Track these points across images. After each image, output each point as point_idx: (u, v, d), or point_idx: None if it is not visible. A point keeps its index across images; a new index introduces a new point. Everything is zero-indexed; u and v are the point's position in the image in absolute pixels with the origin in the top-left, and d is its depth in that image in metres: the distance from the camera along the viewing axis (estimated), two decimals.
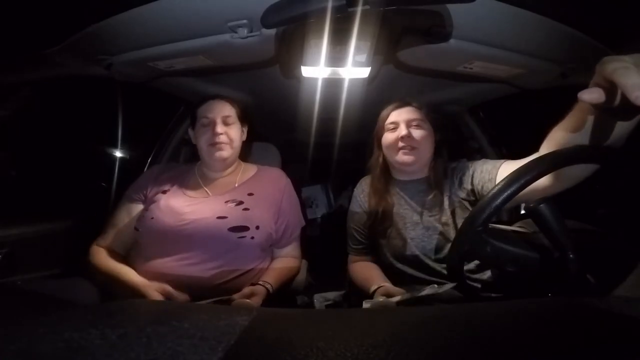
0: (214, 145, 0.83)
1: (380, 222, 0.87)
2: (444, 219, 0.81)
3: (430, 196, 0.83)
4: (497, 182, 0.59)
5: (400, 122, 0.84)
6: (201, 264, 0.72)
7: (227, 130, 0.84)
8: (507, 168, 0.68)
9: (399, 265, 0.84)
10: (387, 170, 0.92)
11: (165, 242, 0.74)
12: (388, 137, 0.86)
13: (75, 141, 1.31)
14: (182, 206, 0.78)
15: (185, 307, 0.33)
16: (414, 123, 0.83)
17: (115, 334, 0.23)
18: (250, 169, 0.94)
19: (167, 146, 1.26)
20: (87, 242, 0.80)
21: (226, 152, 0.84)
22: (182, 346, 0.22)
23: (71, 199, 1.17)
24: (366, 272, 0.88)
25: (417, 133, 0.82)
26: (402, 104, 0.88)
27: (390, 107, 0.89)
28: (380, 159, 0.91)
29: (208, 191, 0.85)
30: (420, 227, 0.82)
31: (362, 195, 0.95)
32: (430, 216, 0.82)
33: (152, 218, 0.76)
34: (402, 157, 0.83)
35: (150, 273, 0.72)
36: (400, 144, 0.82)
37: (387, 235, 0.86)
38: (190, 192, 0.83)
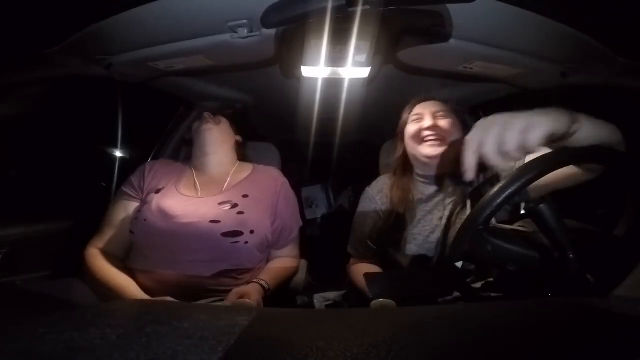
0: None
1: (398, 223, 0.80)
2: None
3: (453, 196, 0.78)
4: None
5: (425, 114, 0.79)
6: (198, 266, 0.72)
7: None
8: None
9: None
10: (408, 167, 0.86)
11: (159, 245, 0.73)
12: (411, 128, 0.80)
13: (75, 141, 1.31)
14: (175, 208, 0.76)
15: (185, 307, 0.33)
16: (440, 114, 0.79)
17: (115, 334, 0.23)
18: (245, 168, 0.92)
19: (167, 146, 1.25)
20: (87, 243, 0.80)
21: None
22: (182, 346, 0.22)
23: (71, 199, 1.17)
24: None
25: (443, 123, 0.77)
26: (426, 98, 0.84)
27: (413, 102, 0.86)
28: (401, 154, 0.85)
29: (201, 190, 0.83)
30: (440, 229, 0.77)
31: (379, 195, 0.87)
32: (450, 218, 0.77)
33: (145, 220, 0.75)
34: (427, 149, 0.76)
35: (149, 276, 0.72)
36: (426, 134, 0.77)
37: (403, 238, 0.79)
38: (183, 190, 0.82)
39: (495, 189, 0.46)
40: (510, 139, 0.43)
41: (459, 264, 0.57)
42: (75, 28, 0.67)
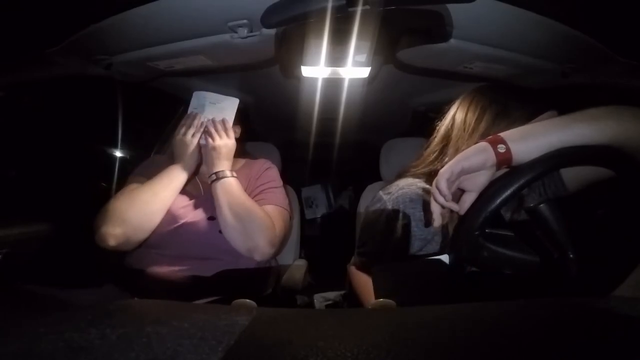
0: None
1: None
2: None
3: None
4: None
5: None
6: (199, 265, 0.73)
7: None
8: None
9: None
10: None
11: (161, 244, 0.74)
12: None
13: (75, 141, 1.31)
14: (178, 207, 0.78)
15: (185, 307, 0.33)
16: None
17: (115, 334, 0.23)
18: (238, 163, 0.94)
19: (167, 146, 1.26)
20: (87, 243, 0.80)
21: None
22: (182, 346, 0.22)
23: (71, 199, 1.17)
24: (370, 283, 0.77)
25: None
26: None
27: None
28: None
29: (202, 187, 0.85)
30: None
31: (410, 201, 0.72)
32: None
33: None
34: None
35: (149, 276, 0.72)
36: None
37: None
38: (187, 187, 0.84)
39: (488, 194, 0.46)
40: (434, 189, 0.52)
41: (445, 258, 0.58)
42: (75, 28, 0.67)
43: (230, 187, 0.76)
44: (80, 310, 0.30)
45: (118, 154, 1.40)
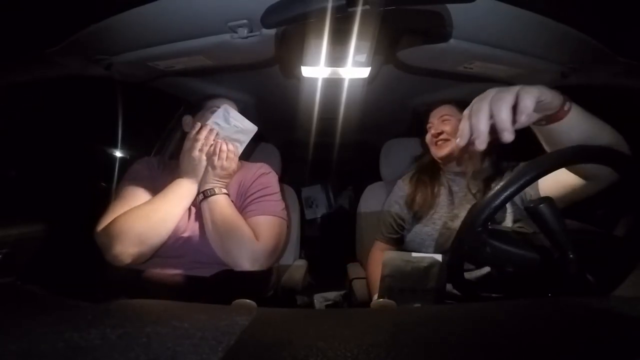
0: None
1: (419, 210, 0.90)
2: None
3: (474, 190, 0.84)
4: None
5: (434, 121, 0.94)
6: (199, 269, 0.73)
7: None
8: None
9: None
10: (435, 163, 0.98)
11: (161, 252, 0.74)
12: (427, 135, 0.95)
13: (75, 141, 1.31)
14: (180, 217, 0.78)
15: (185, 307, 0.33)
16: (444, 118, 0.92)
17: (115, 334, 0.23)
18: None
19: (167, 146, 1.26)
20: (87, 243, 0.79)
21: None
22: (182, 346, 0.22)
23: (71, 199, 1.17)
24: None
25: (446, 126, 0.90)
26: (439, 103, 0.97)
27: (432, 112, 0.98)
28: (429, 155, 0.98)
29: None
30: (459, 219, 0.77)
31: (403, 184, 1.00)
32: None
33: None
34: (435, 151, 0.92)
35: (149, 277, 0.72)
36: (434, 139, 0.92)
37: (423, 220, 0.88)
38: None
39: (493, 191, 0.46)
40: (502, 103, 0.44)
41: (439, 257, 0.59)
42: (75, 28, 0.67)
43: (214, 205, 0.76)
44: (80, 310, 0.30)
45: (118, 154, 1.40)
